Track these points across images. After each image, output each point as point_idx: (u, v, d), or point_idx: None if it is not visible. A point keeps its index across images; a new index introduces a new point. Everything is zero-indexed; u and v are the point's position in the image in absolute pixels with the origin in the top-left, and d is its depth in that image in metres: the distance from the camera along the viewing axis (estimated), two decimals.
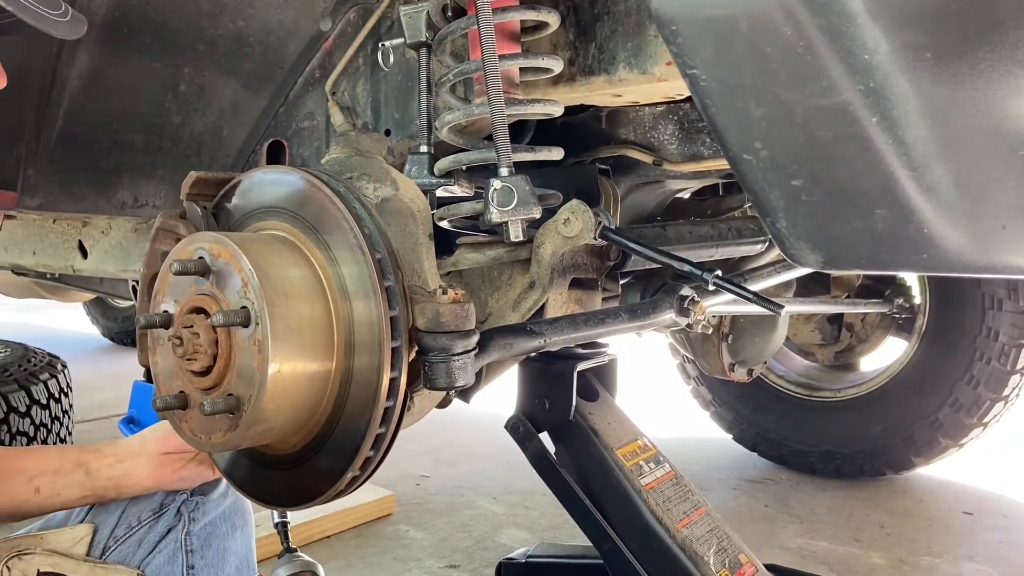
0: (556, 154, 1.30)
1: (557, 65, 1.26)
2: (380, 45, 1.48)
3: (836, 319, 3.23)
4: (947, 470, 3.15)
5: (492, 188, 1.13)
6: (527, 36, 1.31)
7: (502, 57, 1.17)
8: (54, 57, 1.50)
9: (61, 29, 1.14)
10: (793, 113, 0.86)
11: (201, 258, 0.96)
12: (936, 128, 0.81)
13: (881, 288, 3.09)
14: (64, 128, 1.58)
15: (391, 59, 1.48)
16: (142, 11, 1.50)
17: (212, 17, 1.59)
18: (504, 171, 1.14)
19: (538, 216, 1.18)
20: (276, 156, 1.75)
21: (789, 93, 0.85)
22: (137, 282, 1.16)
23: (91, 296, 4.82)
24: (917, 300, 3.03)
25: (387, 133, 1.57)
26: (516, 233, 1.17)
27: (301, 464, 1.02)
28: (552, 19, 1.24)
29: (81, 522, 1.28)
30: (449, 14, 1.29)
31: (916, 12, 0.76)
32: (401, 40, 1.38)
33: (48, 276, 3.06)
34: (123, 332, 5.65)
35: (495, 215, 1.13)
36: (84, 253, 2.19)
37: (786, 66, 0.83)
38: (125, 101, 1.63)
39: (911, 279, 3.08)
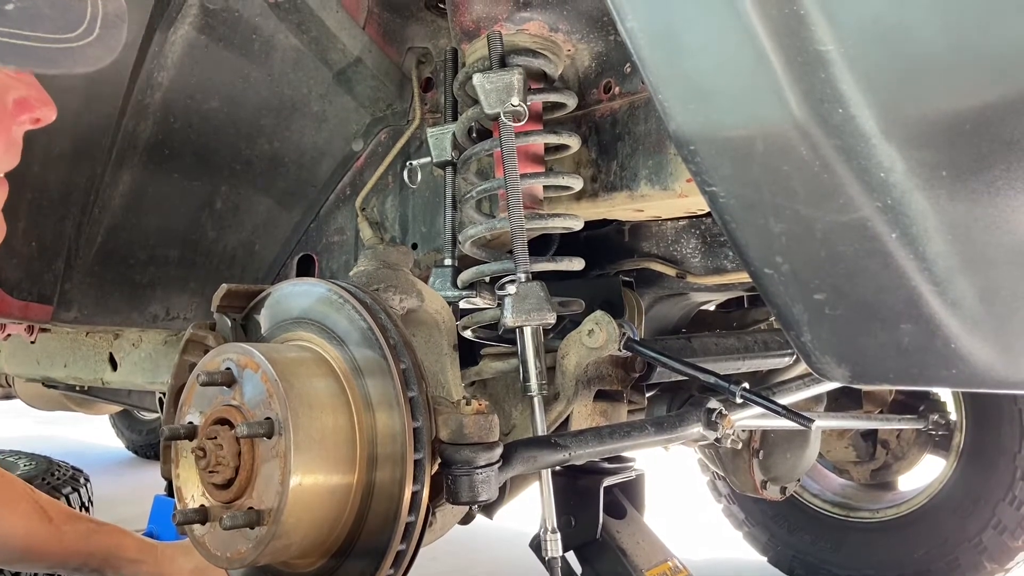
0: (576, 264, 1.32)
1: (577, 183, 1.30)
2: (408, 164, 1.54)
3: (871, 435, 3.14)
4: None
5: (508, 294, 1.16)
6: (551, 155, 1.35)
7: (524, 175, 1.21)
8: (98, 177, 1.56)
9: (86, 57, 0.84)
10: (813, 229, 0.87)
11: (228, 369, 0.97)
12: (957, 244, 0.81)
13: (915, 403, 3.02)
14: (103, 244, 1.63)
15: (418, 177, 1.54)
16: (184, 134, 1.58)
17: (250, 139, 1.66)
18: (522, 278, 1.17)
19: (552, 322, 1.19)
20: (306, 269, 1.80)
21: (808, 209, 0.86)
22: (164, 394, 1.16)
23: (118, 408, 4.83)
24: (953, 416, 2.94)
25: (414, 247, 1.61)
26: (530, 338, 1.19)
27: None
28: (573, 142, 1.29)
29: None
30: (474, 135, 1.35)
31: (929, 132, 0.77)
32: (428, 159, 1.44)
33: (77, 388, 3.09)
34: (147, 445, 5.63)
35: (509, 320, 1.17)
36: (114, 365, 2.22)
37: (803, 184, 0.85)
38: (163, 218, 1.69)
39: (945, 394, 3.01)
